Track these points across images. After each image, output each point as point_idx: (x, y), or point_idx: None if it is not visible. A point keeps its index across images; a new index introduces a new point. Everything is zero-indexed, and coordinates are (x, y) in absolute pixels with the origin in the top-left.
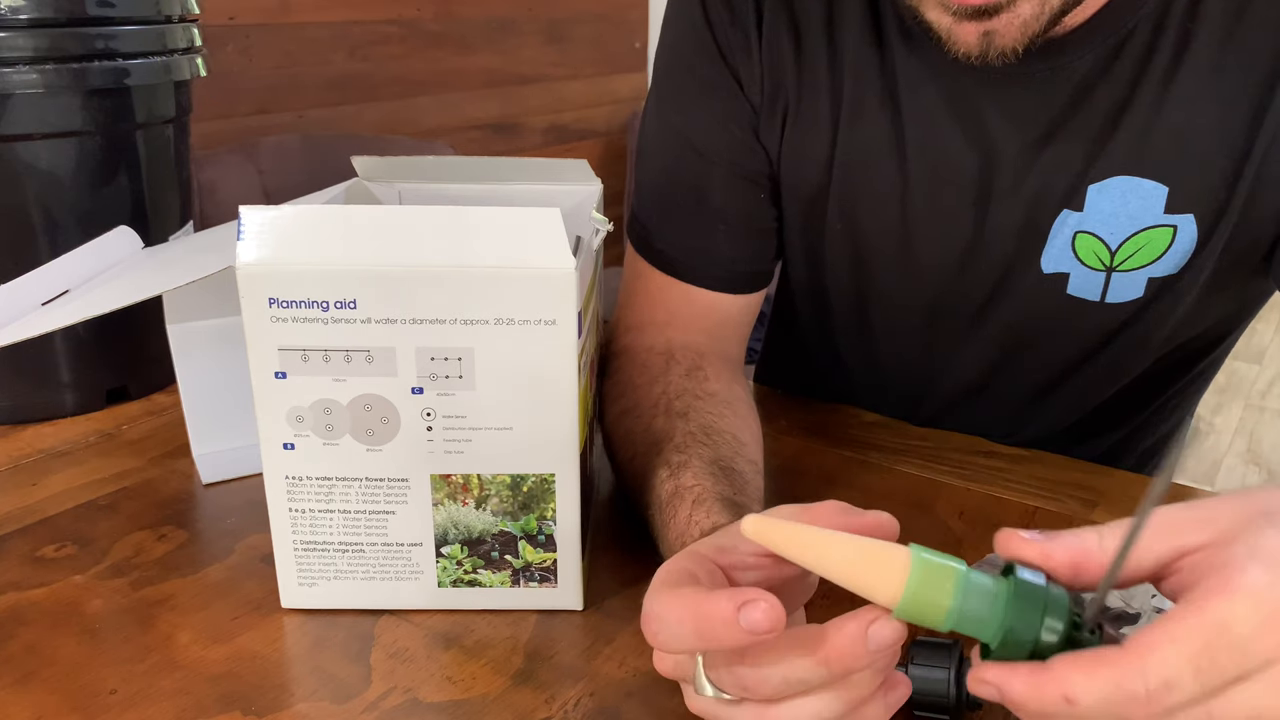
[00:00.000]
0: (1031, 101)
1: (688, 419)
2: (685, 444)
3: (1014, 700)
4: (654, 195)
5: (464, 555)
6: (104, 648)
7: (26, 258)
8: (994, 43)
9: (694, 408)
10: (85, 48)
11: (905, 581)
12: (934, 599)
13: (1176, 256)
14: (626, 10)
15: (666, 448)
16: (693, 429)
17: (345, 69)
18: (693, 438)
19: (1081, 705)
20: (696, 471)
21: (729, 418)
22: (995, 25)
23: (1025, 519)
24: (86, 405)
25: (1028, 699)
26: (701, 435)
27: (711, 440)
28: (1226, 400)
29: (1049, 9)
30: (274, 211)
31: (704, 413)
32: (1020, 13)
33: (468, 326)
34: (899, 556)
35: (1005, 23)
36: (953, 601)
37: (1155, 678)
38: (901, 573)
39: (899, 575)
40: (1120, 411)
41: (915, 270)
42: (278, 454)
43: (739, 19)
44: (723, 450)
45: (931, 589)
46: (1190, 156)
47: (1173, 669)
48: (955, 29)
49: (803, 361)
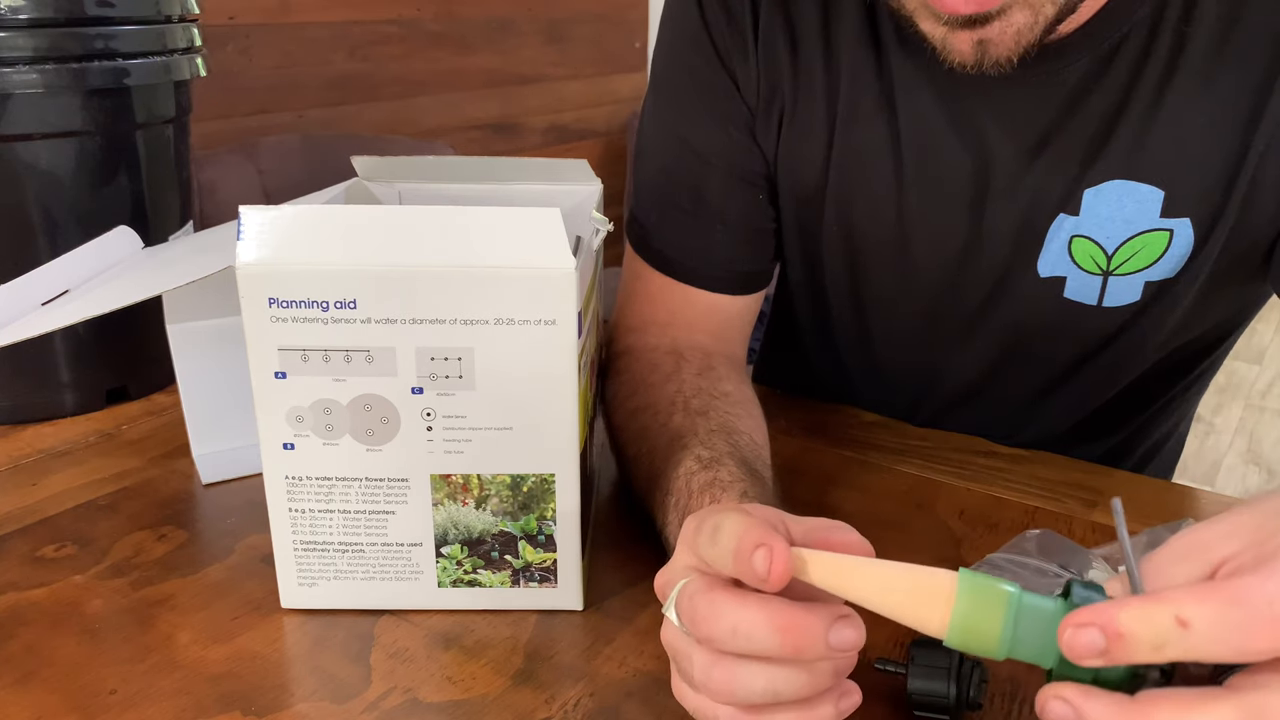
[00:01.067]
0: (1027, 106)
1: (708, 417)
2: (711, 440)
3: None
4: (652, 196)
5: (464, 555)
6: (104, 648)
7: (26, 258)
8: (988, 52)
9: (713, 406)
10: (85, 48)
11: (951, 610)
12: (984, 627)
13: (1173, 260)
14: (626, 10)
15: (691, 442)
16: (714, 427)
17: (345, 69)
18: (717, 435)
19: (1197, 626)
20: (733, 470)
21: (744, 419)
22: (989, 34)
23: (1025, 519)
24: (86, 405)
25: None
26: (724, 434)
27: (733, 441)
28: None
29: (1043, 18)
30: (274, 211)
31: (723, 412)
32: (1014, 21)
33: (468, 326)
34: (945, 583)
35: (999, 31)
36: (1003, 630)
37: (1276, 599)
38: (947, 601)
39: (945, 603)
40: (1119, 414)
41: (912, 273)
42: (278, 454)
43: (735, 21)
44: (745, 452)
45: (981, 616)
46: (1186, 160)
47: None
48: (949, 38)
49: (802, 362)
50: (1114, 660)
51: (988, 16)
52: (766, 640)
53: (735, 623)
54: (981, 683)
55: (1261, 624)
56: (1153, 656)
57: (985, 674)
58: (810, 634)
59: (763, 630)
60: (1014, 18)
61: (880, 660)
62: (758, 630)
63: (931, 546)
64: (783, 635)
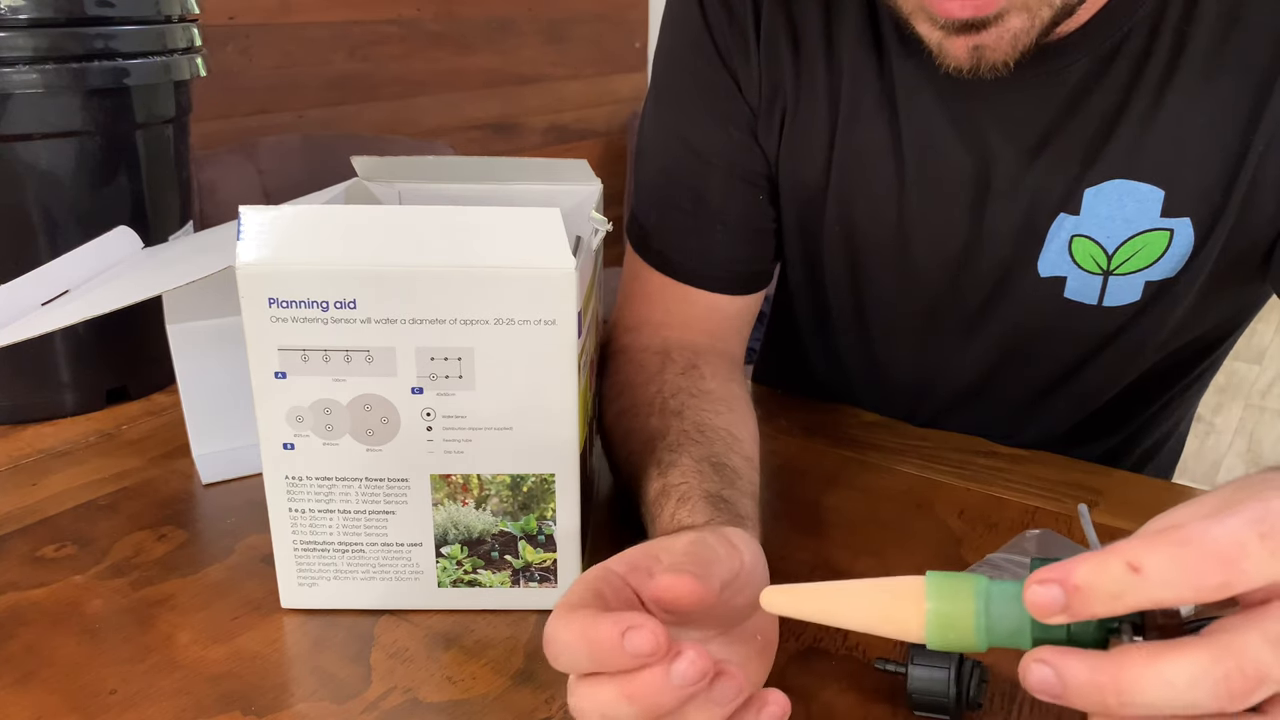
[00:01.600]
0: (1028, 106)
1: (682, 417)
2: (678, 442)
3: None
4: (652, 196)
5: (464, 555)
6: (104, 648)
7: (26, 258)
8: (985, 56)
9: (689, 406)
10: (85, 48)
11: (925, 611)
12: (959, 621)
13: (1173, 260)
14: (626, 10)
15: (659, 446)
16: (686, 427)
17: (345, 69)
18: (686, 435)
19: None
20: (684, 469)
21: (724, 414)
22: (985, 39)
23: (1025, 519)
24: (86, 405)
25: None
26: (695, 433)
27: (705, 437)
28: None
29: (1039, 22)
30: (274, 211)
31: (698, 410)
32: (1010, 26)
33: (468, 326)
34: (914, 588)
35: (995, 36)
36: (977, 619)
37: (1223, 535)
38: (919, 602)
39: (918, 607)
40: (1119, 414)
41: (912, 272)
42: (278, 454)
43: (737, 21)
44: (716, 447)
45: (954, 611)
46: (1186, 160)
47: (1236, 529)
48: (945, 43)
49: (801, 362)
50: (1076, 613)
51: (984, 22)
52: (628, 712)
53: (599, 710)
54: (981, 683)
55: (1209, 559)
56: (1112, 605)
57: (985, 674)
58: (659, 690)
59: (622, 707)
60: (1010, 23)
61: (880, 660)
62: (616, 708)
63: (931, 546)
64: (635, 702)
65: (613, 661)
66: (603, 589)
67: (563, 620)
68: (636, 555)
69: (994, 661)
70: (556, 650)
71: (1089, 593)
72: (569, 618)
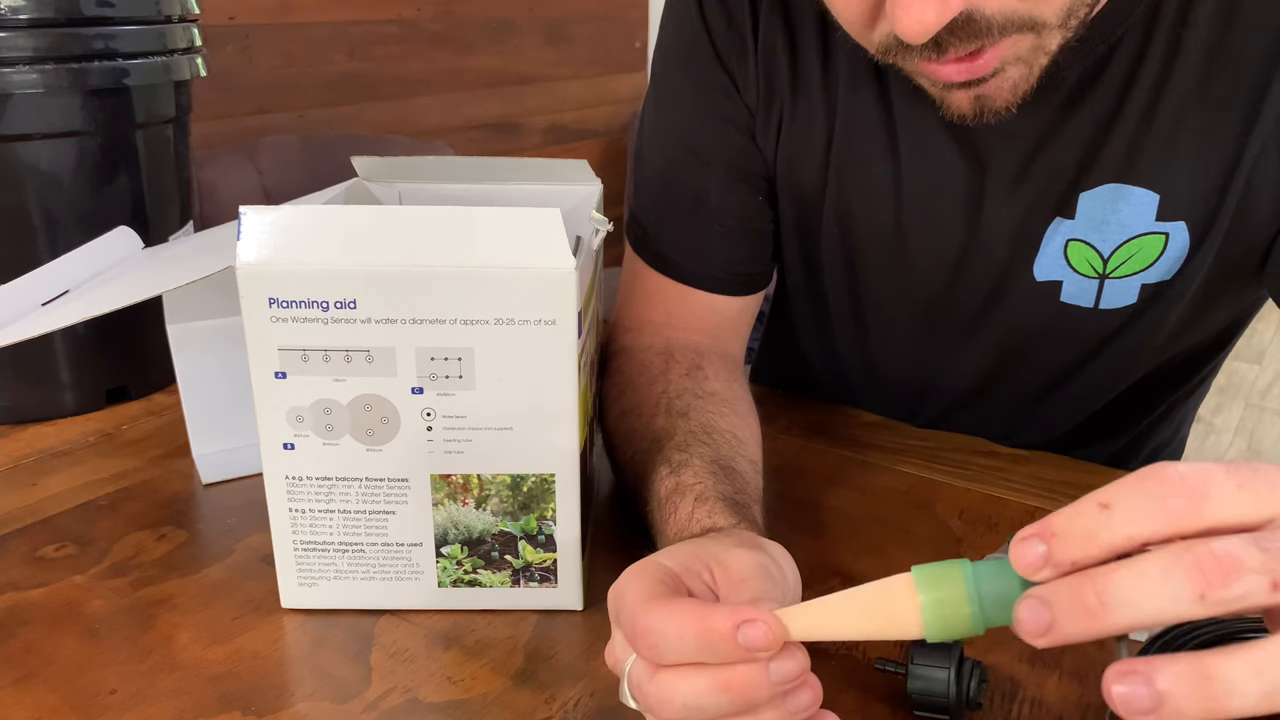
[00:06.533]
0: (1023, 109)
1: (688, 418)
2: (686, 443)
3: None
4: (652, 196)
5: (464, 555)
6: (104, 648)
7: (26, 258)
8: (987, 105)
9: (694, 407)
10: (85, 48)
11: (919, 605)
12: (954, 608)
13: (1169, 263)
14: (626, 10)
15: (667, 446)
16: (693, 428)
17: (345, 69)
18: (693, 436)
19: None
20: (698, 470)
21: (729, 416)
22: (986, 90)
23: (1025, 519)
24: (86, 405)
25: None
26: (702, 434)
27: (712, 439)
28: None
29: (1038, 68)
30: (274, 211)
31: (704, 412)
32: (1009, 76)
33: (468, 326)
34: (904, 586)
35: (995, 87)
36: (970, 602)
37: (1190, 471)
38: (911, 597)
39: (911, 603)
40: (1118, 419)
41: (909, 275)
42: (278, 454)
43: (735, 22)
44: (723, 449)
45: (947, 599)
46: (1181, 164)
47: (1205, 469)
48: (947, 96)
49: (800, 363)
50: (1058, 562)
51: (983, 79)
52: (720, 705)
53: (685, 699)
54: (981, 683)
55: (1173, 487)
56: (1088, 547)
57: (985, 674)
58: (755, 682)
59: (716, 698)
60: (1009, 74)
61: (880, 660)
62: (712, 700)
63: (931, 546)
64: (729, 693)
65: (722, 652)
66: (676, 583)
67: (666, 609)
68: (686, 558)
69: (994, 662)
70: (655, 638)
71: (1065, 536)
72: (673, 606)
